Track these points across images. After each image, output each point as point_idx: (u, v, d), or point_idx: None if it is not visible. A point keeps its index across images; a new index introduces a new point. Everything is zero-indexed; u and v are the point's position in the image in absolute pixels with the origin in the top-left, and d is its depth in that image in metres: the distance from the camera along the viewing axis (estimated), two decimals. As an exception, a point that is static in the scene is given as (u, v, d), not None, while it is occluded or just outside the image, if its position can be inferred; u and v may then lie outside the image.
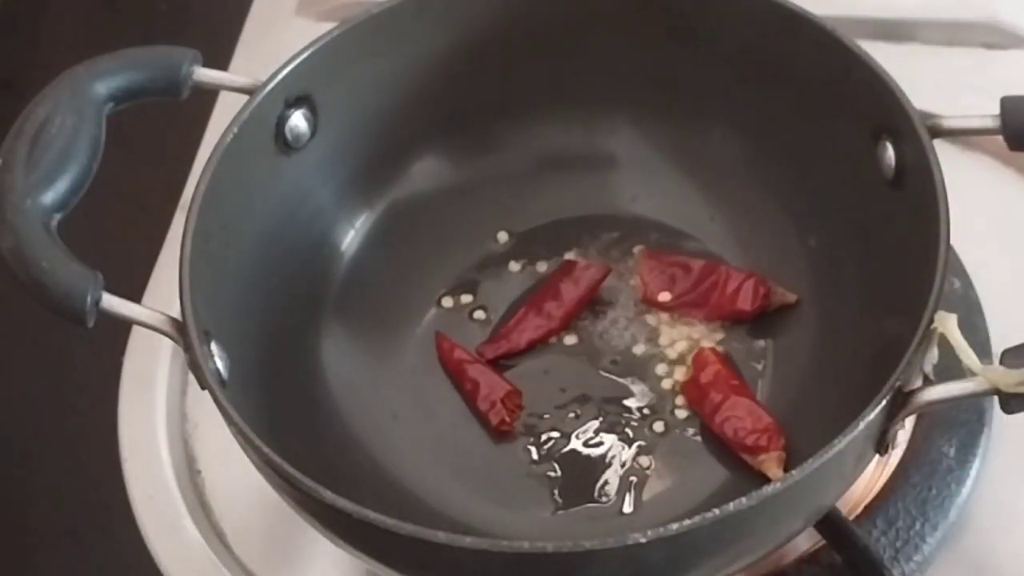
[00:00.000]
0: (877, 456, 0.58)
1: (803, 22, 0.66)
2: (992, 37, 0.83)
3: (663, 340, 0.71)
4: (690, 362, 0.69)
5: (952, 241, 0.58)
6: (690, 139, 0.74)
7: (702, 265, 0.72)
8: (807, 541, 0.65)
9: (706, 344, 0.70)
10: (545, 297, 0.72)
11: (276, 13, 0.92)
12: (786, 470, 0.64)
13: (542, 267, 0.74)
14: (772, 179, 0.72)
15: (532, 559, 0.53)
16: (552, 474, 0.67)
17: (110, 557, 0.80)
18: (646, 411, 0.69)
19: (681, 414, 0.69)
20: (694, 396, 0.68)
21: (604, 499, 0.66)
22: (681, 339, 0.71)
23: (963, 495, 0.67)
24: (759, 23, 0.68)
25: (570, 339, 0.72)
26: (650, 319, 0.72)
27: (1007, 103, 0.60)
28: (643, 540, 0.52)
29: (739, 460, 0.66)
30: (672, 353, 0.70)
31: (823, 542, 0.65)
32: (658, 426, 0.68)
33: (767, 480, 0.62)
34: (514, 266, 0.74)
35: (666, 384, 0.70)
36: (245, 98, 0.66)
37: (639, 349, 0.71)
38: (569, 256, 0.74)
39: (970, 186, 0.65)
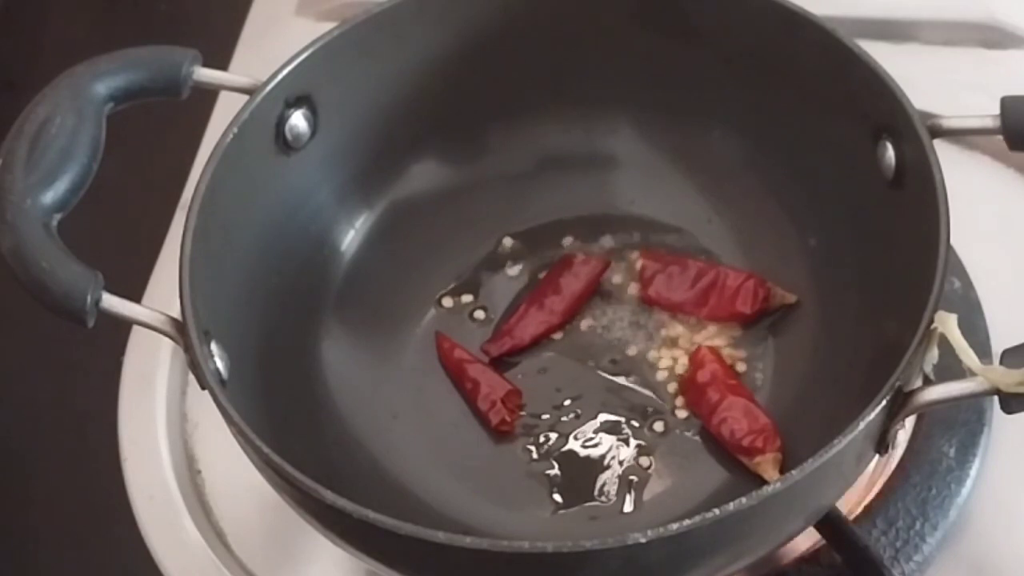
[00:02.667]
0: (877, 456, 0.58)
1: (803, 22, 0.66)
2: (992, 37, 0.83)
3: (663, 340, 0.71)
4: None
5: (952, 241, 0.58)
6: (690, 139, 0.74)
7: (701, 266, 0.72)
8: (807, 541, 0.65)
9: (705, 343, 0.70)
10: (546, 292, 0.72)
11: (276, 13, 0.92)
12: (782, 471, 0.64)
13: (542, 267, 0.74)
14: (772, 179, 0.72)
15: (532, 559, 0.53)
16: (552, 474, 0.67)
17: (110, 557, 0.80)
18: (646, 411, 0.69)
19: (681, 414, 0.69)
20: (691, 396, 0.68)
21: (604, 499, 0.66)
22: (681, 339, 0.71)
23: (963, 495, 0.67)
24: (759, 23, 0.68)
25: (570, 339, 0.72)
26: (650, 319, 0.72)
27: (1007, 103, 0.60)
28: (643, 540, 0.52)
29: (739, 460, 0.66)
30: (672, 353, 0.70)
31: (823, 542, 0.65)
32: (658, 426, 0.68)
33: (766, 480, 0.62)
34: (514, 266, 0.74)
35: (666, 384, 0.70)
36: (245, 98, 0.66)
37: (639, 349, 0.71)
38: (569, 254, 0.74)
39: (970, 186, 0.65)
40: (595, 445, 0.68)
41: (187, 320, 0.59)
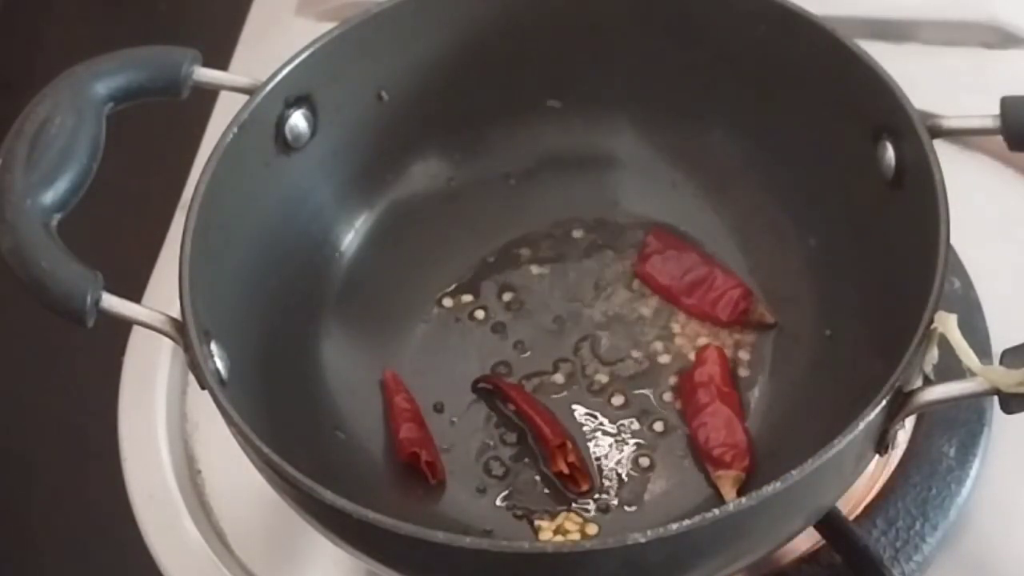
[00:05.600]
0: (877, 456, 0.58)
1: (803, 22, 0.66)
2: (992, 37, 0.83)
3: (666, 340, 0.71)
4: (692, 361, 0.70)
5: (952, 241, 0.58)
6: (690, 139, 0.74)
7: (699, 258, 0.72)
8: (807, 541, 0.65)
9: (707, 341, 0.70)
10: None
11: (276, 13, 0.92)
12: (741, 492, 0.64)
13: (542, 267, 0.74)
14: (772, 179, 0.72)
15: (532, 559, 0.53)
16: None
17: (110, 557, 0.80)
18: (646, 411, 0.69)
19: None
20: (684, 391, 0.68)
21: (604, 499, 0.66)
22: (683, 339, 0.71)
23: (963, 495, 0.67)
24: (759, 23, 0.68)
25: (571, 339, 0.72)
26: (654, 320, 0.72)
27: (1007, 103, 0.60)
28: (643, 540, 0.52)
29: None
30: (673, 353, 0.70)
31: (823, 542, 0.65)
32: (658, 426, 0.68)
33: (767, 481, 0.62)
34: (515, 266, 0.74)
35: (666, 385, 0.70)
36: (245, 98, 0.66)
37: (640, 350, 0.71)
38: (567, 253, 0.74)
39: (970, 186, 0.65)
40: (595, 445, 0.68)
41: (187, 320, 0.59)
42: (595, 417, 0.69)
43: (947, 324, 0.56)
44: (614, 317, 0.72)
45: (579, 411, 0.69)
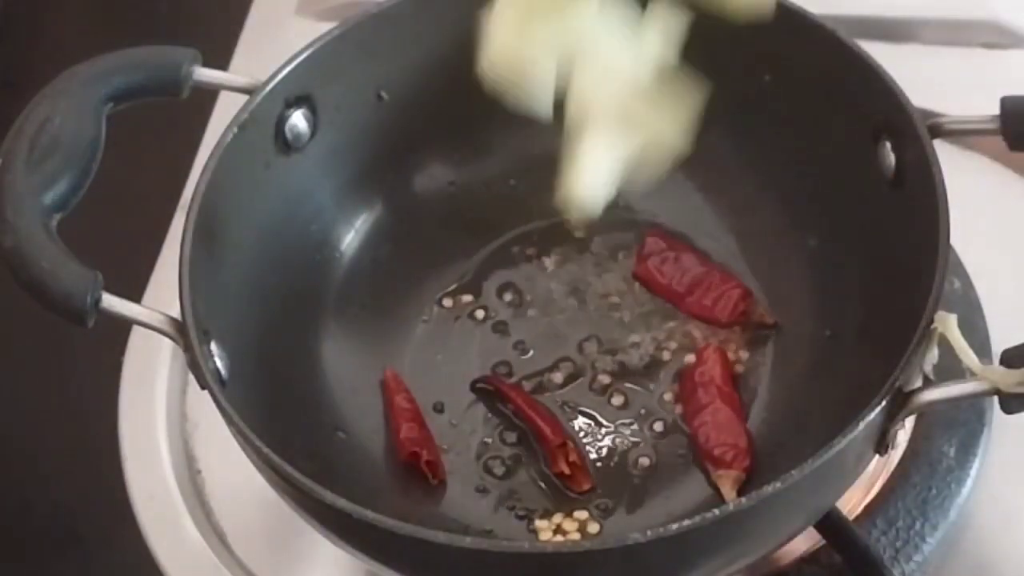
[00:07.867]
0: (877, 456, 0.58)
1: (804, 22, 0.66)
2: (992, 37, 0.83)
3: (665, 342, 0.71)
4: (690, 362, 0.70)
5: (952, 241, 0.58)
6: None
7: (698, 259, 0.72)
8: (807, 541, 0.65)
9: (707, 341, 0.70)
10: None
11: (276, 13, 0.92)
12: (741, 493, 0.64)
13: (542, 268, 0.74)
14: (772, 179, 0.72)
15: (532, 559, 0.53)
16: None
17: (110, 557, 0.80)
18: (643, 411, 0.69)
19: (679, 412, 0.69)
20: (685, 390, 0.68)
21: (604, 499, 0.66)
22: (683, 339, 0.71)
23: (963, 495, 0.67)
24: (759, 23, 0.68)
25: (571, 340, 0.72)
26: (654, 320, 0.72)
27: (1007, 103, 0.60)
28: (643, 540, 0.52)
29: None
30: (673, 353, 0.70)
31: (823, 542, 0.65)
32: (658, 426, 0.68)
33: (767, 481, 0.62)
34: (514, 266, 0.74)
35: (666, 385, 0.70)
36: (245, 98, 0.66)
37: (640, 350, 0.71)
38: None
39: (970, 186, 0.65)
40: (595, 445, 0.68)
41: (187, 320, 0.59)
42: (595, 417, 0.69)
43: (947, 324, 0.56)
44: (614, 318, 0.72)
45: (580, 411, 0.69)
